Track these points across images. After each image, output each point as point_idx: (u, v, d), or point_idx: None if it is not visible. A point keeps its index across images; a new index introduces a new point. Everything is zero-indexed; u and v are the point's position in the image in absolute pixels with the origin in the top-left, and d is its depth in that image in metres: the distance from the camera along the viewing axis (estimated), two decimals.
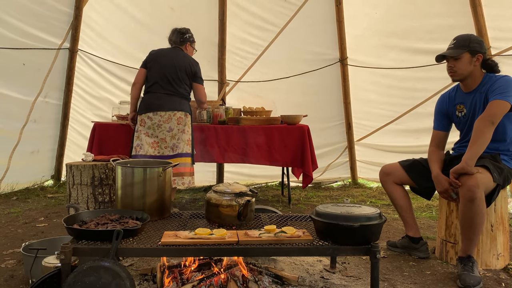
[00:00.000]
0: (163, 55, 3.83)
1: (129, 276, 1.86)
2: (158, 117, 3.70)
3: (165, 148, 3.73)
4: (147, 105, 3.75)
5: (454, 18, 4.79)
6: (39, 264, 2.24)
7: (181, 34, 3.93)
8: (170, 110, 3.71)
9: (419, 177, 2.93)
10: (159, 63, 3.78)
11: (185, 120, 3.78)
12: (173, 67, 3.76)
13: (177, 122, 3.73)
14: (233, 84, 5.64)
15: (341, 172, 5.91)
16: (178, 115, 3.73)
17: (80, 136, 5.54)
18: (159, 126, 3.71)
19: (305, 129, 4.32)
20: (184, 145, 3.76)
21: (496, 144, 2.67)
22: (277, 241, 2.04)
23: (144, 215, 2.27)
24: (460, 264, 2.53)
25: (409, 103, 5.27)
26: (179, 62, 3.79)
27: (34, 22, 4.84)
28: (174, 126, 3.72)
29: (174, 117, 3.72)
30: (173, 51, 3.88)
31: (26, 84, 4.97)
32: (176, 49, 3.91)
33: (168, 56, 3.82)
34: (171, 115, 3.72)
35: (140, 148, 3.71)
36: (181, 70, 3.78)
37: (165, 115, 3.71)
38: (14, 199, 4.73)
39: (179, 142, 3.74)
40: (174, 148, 3.74)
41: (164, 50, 3.90)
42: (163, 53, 3.86)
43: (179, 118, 3.74)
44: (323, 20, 5.40)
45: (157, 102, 3.72)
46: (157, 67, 3.78)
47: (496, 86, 2.61)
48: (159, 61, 3.79)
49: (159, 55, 3.83)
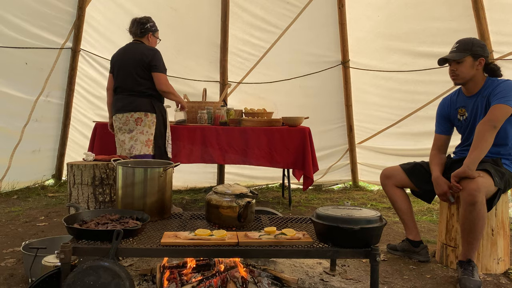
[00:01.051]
0: (119, 55, 3.76)
1: (128, 276, 1.86)
2: (118, 119, 3.70)
3: (124, 151, 3.68)
4: (111, 108, 3.80)
5: (456, 22, 4.79)
6: (39, 263, 2.25)
7: (141, 24, 3.75)
8: (126, 112, 3.64)
9: (420, 180, 2.92)
10: (117, 65, 3.74)
11: (144, 120, 3.65)
12: (128, 66, 3.65)
13: (135, 123, 3.64)
14: (234, 86, 5.64)
15: (342, 174, 5.91)
16: (135, 116, 3.63)
17: (81, 136, 5.54)
18: (120, 129, 3.71)
19: (307, 131, 4.32)
20: (142, 146, 3.65)
21: (497, 148, 2.67)
22: (277, 243, 2.03)
23: (144, 215, 2.27)
24: (460, 268, 2.52)
25: (410, 106, 5.27)
26: (133, 58, 3.64)
27: (37, 22, 4.85)
28: (133, 128, 3.65)
29: (131, 119, 3.64)
30: (129, 48, 3.74)
31: (28, 83, 4.97)
32: (133, 45, 3.75)
33: (124, 55, 3.72)
34: (128, 116, 3.64)
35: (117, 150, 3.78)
36: (136, 66, 3.63)
37: (122, 117, 3.67)
38: (15, 198, 4.73)
39: (136, 144, 3.65)
40: (131, 149, 3.65)
41: (121, 50, 3.79)
42: (120, 53, 3.78)
43: (137, 119, 3.63)
44: (325, 22, 5.41)
45: (117, 105, 3.71)
46: (116, 70, 3.75)
47: (498, 90, 2.61)
48: (117, 63, 3.75)
49: (116, 57, 3.79)
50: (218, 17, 5.41)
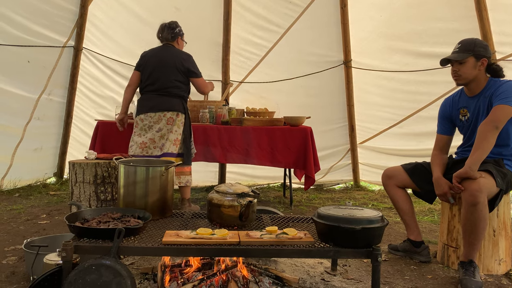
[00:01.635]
0: (154, 56, 3.83)
1: (130, 275, 1.86)
2: (149, 118, 3.75)
3: (154, 148, 3.76)
4: (140, 107, 3.81)
5: (459, 22, 4.78)
6: (40, 261, 2.25)
7: (171, 29, 3.88)
8: (160, 111, 3.74)
9: (422, 180, 2.92)
10: (150, 65, 3.79)
11: (175, 120, 3.77)
12: (164, 67, 3.76)
13: (166, 122, 3.75)
14: (236, 85, 5.64)
15: (343, 174, 5.91)
16: (168, 115, 3.75)
17: (83, 134, 5.55)
18: (150, 128, 3.76)
19: (308, 130, 4.32)
20: (170, 145, 3.77)
21: (499, 149, 2.67)
22: (279, 242, 2.04)
23: (146, 214, 2.27)
24: (461, 269, 2.52)
25: (412, 107, 5.27)
26: (169, 61, 3.77)
27: (39, 20, 4.86)
28: (163, 127, 3.74)
29: (164, 118, 3.74)
30: (163, 50, 3.85)
31: (31, 82, 4.98)
32: (167, 47, 3.88)
33: (159, 56, 3.81)
34: (161, 115, 3.74)
35: (131, 148, 3.78)
36: (172, 69, 3.77)
37: (154, 116, 3.74)
38: (17, 196, 4.74)
39: (166, 142, 3.76)
40: (162, 147, 3.76)
41: (155, 50, 3.88)
42: (154, 53, 3.85)
43: (169, 118, 3.75)
44: (327, 22, 5.40)
45: (148, 104, 3.76)
46: (148, 69, 3.79)
47: (500, 91, 2.60)
48: (150, 62, 3.80)
49: (150, 56, 3.83)
50: (220, 16, 5.41)
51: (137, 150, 3.75)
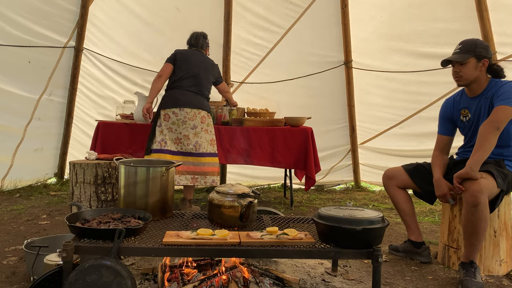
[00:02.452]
0: (193, 56, 3.96)
1: (130, 275, 1.86)
2: (184, 113, 3.77)
3: (188, 145, 3.79)
4: (173, 100, 3.80)
5: (460, 23, 4.78)
6: (41, 262, 2.25)
7: (205, 38, 4.11)
8: (196, 108, 3.80)
9: (422, 181, 2.92)
10: (190, 62, 3.90)
11: (208, 120, 3.88)
12: (202, 69, 3.91)
13: (201, 120, 3.81)
14: (237, 85, 5.64)
15: (344, 175, 5.91)
16: (202, 113, 3.83)
17: (84, 135, 5.55)
18: (184, 122, 3.78)
19: (309, 131, 4.31)
20: (208, 145, 3.86)
21: (500, 150, 2.66)
22: (279, 243, 2.03)
23: (147, 215, 2.27)
24: (462, 270, 2.52)
25: (413, 107, 5.27)
26: (207, 65, 3.98)
27: (40, 20, 4.86)
28: (198, 124, 3.80)
29: (199, 115, 3.81)
30: (200, 55, 4.02)
31: (31, 82, 4.99)
32: (201, 53, 4.05)
33: (198, 57, 3.96)
34: (196, 113, 3.80)
35: (165, 143, 3.78)
36: (209, 73, 3.95)
37: (190, 112, 3.78)
38: (17, 196, 4.74)
39: (202, 141, 3.83)
40: (197, 146, 3.80)
41: (192, 52, 4.02)
42: (193, 53, 4.00)
43: (203, 117, 3.83)
44: (328, 22, 5.40)
45: (184, 99, 3.79)
46: (187, 65, 3.88)
47: (501, 91, 2.60)
48: (189, 60, 3.91)
49: (189, 55, 3.96)
50: (221, 17, 5.41)
51: (172, 146, 3.79)
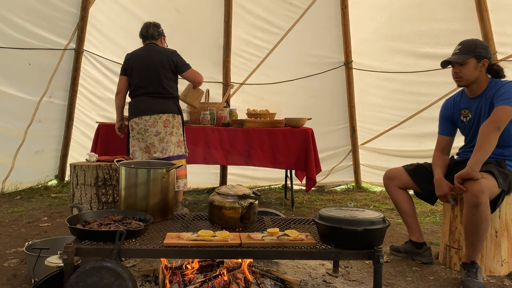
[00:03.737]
0: (140, 57, 3.73)
1: (131, 277, 1.86)
2: (144, 121, 3.67)
3: (155, 153, 3.69)
4: (133, 110, 3.72)
5: (460, 23, 4.78)
6: (41, 264, 2.25)
7: (157, 27, 3.81)
8: (155, 114, 3.65)
9: (423, 181, 2.91)
10: (138, 66, 3.70)
11: (172, 122, 3.72)
12: (153, 67, 3.66)
13: (163, 125, 3.67)
14: (237, 87, 5.65)
15: (344, 175, 5.90)
16: (164, 117, 3.68)
17: (84, 137, 5.55)
18: (145, 131, 3.69)
19: (309, 132, 4.31)
20: (175, 148, 3.73)
21: (501, 150, 2.66)
22: (280, 244, 2.03)
23: (147, 216, 2.27)
24: (463, 270, 2.51)
25: (413, 108, 5.26)
26: (157, 60, 3.67)
27: (40, 23, 4.86)
28: (161, 130, 3.67)
29: (160, 120, 3.67)
30: (148, 50, 3.76)
31: (32, 84, 4.99)
32: (150, 46, 3.78)
33: (145, 57, 3.72)
34: (157, 118, 3.66)
35: (135, 154, 3.75)
36: (161, 68, 3.67)
37: (150, 119, 3.66)
38: (18, 199, 4.74)
39: (168, 145, 3.70)
40: (163, 151, 3.68)
41: (139, 51, 3.79)
42: (139, 55, 3.76)
43: (166, 120, 3.68)
44: (328, 23, 5.40)
45: (141, 107, 3.68)
46: (137, 71, 3.70)
47: (501, 91, 2.60)
48: (137, 64, 3.71)
49: (135, 58, 3.74)
50: (221, 18, 5.41)
51: (142, 155, 3.73)
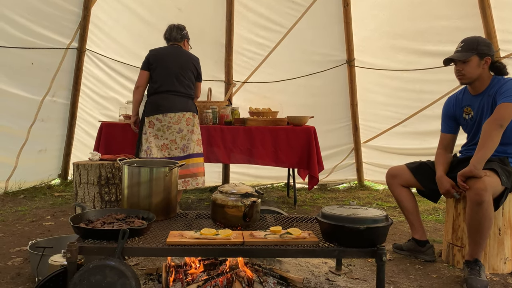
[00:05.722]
0: (167, 55, 3.76)
1: (134, 276, 1.86)
2: (168, 118, 3.68)
3: (175, 150, 3.73)
4: (156, 106, 3.69)
5: (462, 20, 4.76)
6: (45, 262, 2.26)
7: (180, 30, 3.86)
8: (179, 111, 3.71)
9: (426, 179, 2.91)
10: (165, 64, 3.72)
11: (193, 120, 3.78)
12: (180, 67, 3.72)
13: (186, 123, 3.73)
14: (239, 85, 5.64)
15: (347, 174, 5.89)
16: (187, 115, 3.74)
17: (87, 136, 5.57)
18: (168, 128, 3.70)
19: (312, 130, 4.31)
20: (195, 146, 3.78)
21: (504, 147, 2.65)
22: (283, 242, 2.03)
23: (150, 215, 2.27)
24: (467, 268, 2.51)
25: (416, 105, 5.25)
26: (184, 62, 3.76)
27: (42, 22, 4.87)
28: (183, 127, 3.72)
29: (183, 118, 3.72)
30: (175, 50, 3.81)
31: (34, 83, 5.00)
32: (176, 47, 3.84)
33: (172, 56, 3.75)
34: (181, 116, 3.71)
35: (151, 152, 3.69)
36: (187, 70, 3.76)
37: (174, 117, 3.69)
38: (22, 198, 4.76)
39: (189, 143, 3.75)
40: (184, 149, 3.74)
41: (166, 49, 3.82)
42: (167, 52, 3.78)
43: (188, 119, 3.74)
44: (330, 21, 5.39)
45: (166, 104, 3.68)
46: (162, 68, 3.71)
47: (504, 89, 2.59)
48: (164, 61, 3.72)
49: (162, 55, 3.76)
50: (223, 16, 5.41)
51: (158, 153, 3.69)
